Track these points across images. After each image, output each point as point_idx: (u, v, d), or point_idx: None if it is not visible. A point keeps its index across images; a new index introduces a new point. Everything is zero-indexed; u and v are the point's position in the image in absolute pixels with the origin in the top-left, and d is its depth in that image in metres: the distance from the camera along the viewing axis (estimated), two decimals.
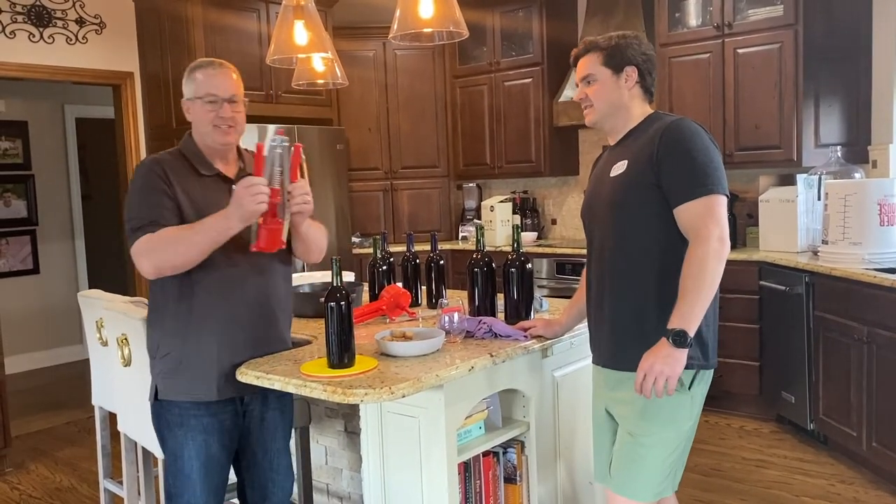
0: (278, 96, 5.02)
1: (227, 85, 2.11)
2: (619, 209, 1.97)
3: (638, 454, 1.96)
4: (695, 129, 1.91)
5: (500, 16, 5.43)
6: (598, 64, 2.03)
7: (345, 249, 5.32)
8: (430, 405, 2.01)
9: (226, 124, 2.09)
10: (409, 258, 2.92)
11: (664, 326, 1.83)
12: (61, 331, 6.37)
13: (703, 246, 1.81)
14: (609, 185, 2.01)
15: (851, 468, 3.51)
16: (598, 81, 2.03)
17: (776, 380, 4.04)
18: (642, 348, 1.87)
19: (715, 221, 1.83)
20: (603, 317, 2.04)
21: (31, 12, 4.47)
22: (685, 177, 1.86)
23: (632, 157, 1.96)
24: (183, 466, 2.07)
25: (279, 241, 2.04)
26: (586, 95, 2.06)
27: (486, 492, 2.23)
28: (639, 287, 1.95)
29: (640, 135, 1.99)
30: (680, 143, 1.88)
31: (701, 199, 1.84)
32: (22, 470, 4.01)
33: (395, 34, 2.27)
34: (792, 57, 4.11)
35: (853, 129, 4.29)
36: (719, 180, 1.87)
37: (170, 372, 2.08)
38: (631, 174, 1.95)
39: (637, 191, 1.93)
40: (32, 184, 6.24)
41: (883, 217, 3.44)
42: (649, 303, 1.93)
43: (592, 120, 2.08)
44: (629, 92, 2.02)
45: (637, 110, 2.04)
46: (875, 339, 3.24)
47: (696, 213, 1.84)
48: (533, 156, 5.38)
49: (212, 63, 2.16)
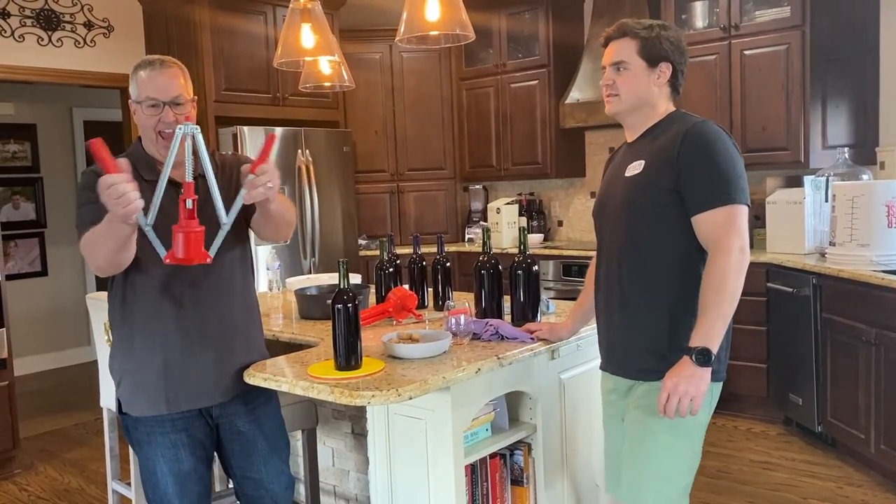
0: (285, 99, 5.04)
1: (169, 86, 1.94)
2: (633, 210, 1.91)
3: (646, 463, 1.91)
4: (718, 134, 1.84)
5: (506, 18, 5.43)
6: (634, 52, 1.91)
7: (351, 251, 5.33)
8: (437, 407, 2.01)
9: (170, 129, 1.91)
10: (415, 260, 2.93)
11: (676, 335, 1.81)
12: (70, 333, 6.41)
13: (723, 258, 1.76)
14: (623, 184, 1.95)
15: (860, 471, 3.50)
16: (629, 71, 1.92)
17: (784, 382, 4.03)
18: (653, 357, 1.86)
19: (736, 232, 1.77)
20: (613, 322, 2.01)
21: (39, 16, 4.50)
22: (706, 184, 1.80)
23: (649, 158, 1.90)
24: (158, 482, 2.03)
25: (200, 251, 1.73)
26: (613, 82, 1.94)
27: (493, 494, 2.23)
28: (650, 292, 1.90)
29: (660, 134, 1.92)
30: (702, 148, 1.81)
31: (722, 209, 1.78)
32: (30, 471, 4.03)
33: (401, 37, 2.28)
34: (799, 58, 4.10)
35: (861, 131, 4.28)
36: (741, 189, 1.80)
37: (124, 388, 2.05)
38: (648, 175, 1.88)
39: (653, 193, 1.87)
40: (41, 186, 6.28)
41: (891, 219, 3.43)
42: (662, 310, 1.88)
43: (615, 110, 1.97)
44: (659, 89, 1.94)
45: (661, 108, 1.96)
46: (883, 340, 3.23)
47: (717, 223, 1.78)
48: (539, 158, 5.38)
49: (153, 62, 1.97)
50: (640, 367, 1.93)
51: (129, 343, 2.02)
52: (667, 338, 1.86)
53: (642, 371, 1.93)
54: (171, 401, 2.01)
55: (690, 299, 1.83)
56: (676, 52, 1.93)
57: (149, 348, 2.00)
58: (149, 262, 1.94)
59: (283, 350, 2.34)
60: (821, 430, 3.76)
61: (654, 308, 1.90)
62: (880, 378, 3.27)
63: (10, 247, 6.09)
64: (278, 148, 4.82)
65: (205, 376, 2.04)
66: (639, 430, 1.94)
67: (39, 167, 6.26)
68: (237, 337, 2.11)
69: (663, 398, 1.77)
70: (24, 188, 6.20)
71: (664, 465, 1.90)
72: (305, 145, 4.98)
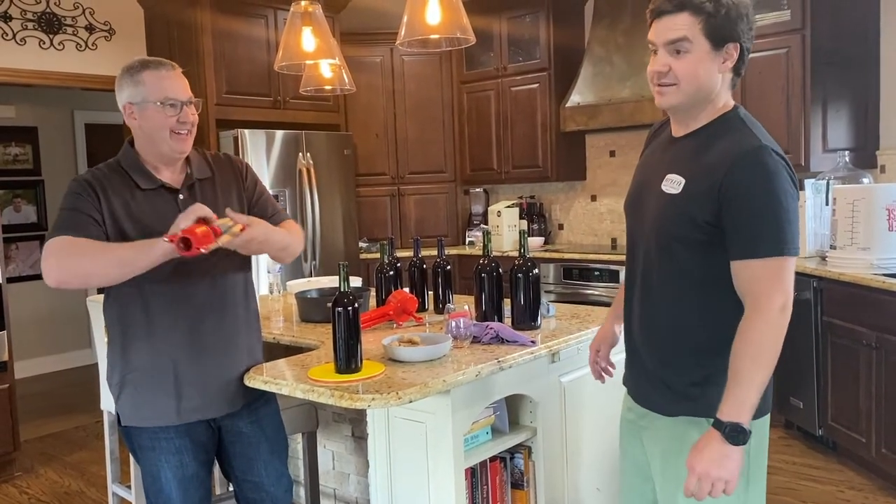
0: (286, 102, 5.04)
1: (184, 87, 1.99)
2: (666, 237, 1.65)
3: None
4: (777, 167, 1.52)
5: (506, 21, 5.44)
6: (699, 32, 1.54)
7: (352, 254, 5.33)
8: (438, 410, 2.01)
9: (185, 129, 1.98)
10: (415, 263, 2.93)
11: (695, 374, 1.63)
12: (70, 335, 6.41)
13: (762, 318, 1.51)
14: (657, 199, 1.66)
15: (861, 474, 3.49)
16: (690, 53, 1.55)
17: (784, 385, 4.03)
18: (667, 393, 1.68)
19: (781, 289, 1.51)
20: (633, 341, 1.79)
21: (41, 19, 4.51)
22: (753, 228, 1.52)
23: (691, 177, 1.59)
24: (162, 487, 2.03)
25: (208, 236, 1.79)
26: (670, 69, 1.58)
27: (493, 497, 2.23)
28: (675, 326, 1.67)
29: (711, 143, 1.60)
30: (756, 185, 1.51)
31: (768, 261, 1.51)
32: (31, 474, 4.03)
33: (402, 40, 2.29)
34: (799, 61, 4.10)
35: (861, 134, 4.28)
36: (792, 238, 1.52)
37: (125, 400, 2.03)
38: (685, 201, 1.59)
39: (688, 225, 1.59)
40: (42, 189, 6.29)
41: (891, 222, 3.43)
42: (684, 347, 1.66)
43: (671, 102, 1.61)
44: (722, 76, 1.59)
45: (721, 100, 1.63)
46: (884, 344, 3.23)
47: (759, 276, 1.52)
48: (540, 161, 5.38)
49: (161, 63, 1.98)
50: (652, 401, 1.74)
51: (131, 355, 2.01)
52: (682, 379, 1.66)
53: (652, 405, 1.74)
54: (181, 412, 2.01)
55: (715, 336, 1.61)
56: (747, 29, 1.58)
57: (155, 360, 1.99)
58: (152, 274, 1.91)
59: (283, 353, 2.34)
60: (822, 434, 3.76)
61: (674, 344, 1.68)
62: (881, 381, 3.27)
63: (11, 249, 6.09)
64: (280, 150, 4.83)
65: (214, 387, 2.04)
66: (657, 464, 1.74)
67: (41, 170, 6.28)
68: (241, 347, 2.11)
69: (692, 482, 1.52)
70: (25, 191, 6.21)
71: None
72: (306, 148, 4.98)
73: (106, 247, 1.86)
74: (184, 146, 2.00)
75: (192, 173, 2.07)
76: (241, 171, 2.18)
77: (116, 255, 1.84)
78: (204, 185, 2.08)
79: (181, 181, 2.05)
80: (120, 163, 2.02)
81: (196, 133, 2.05)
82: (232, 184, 2.14)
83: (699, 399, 1.64)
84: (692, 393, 1.65)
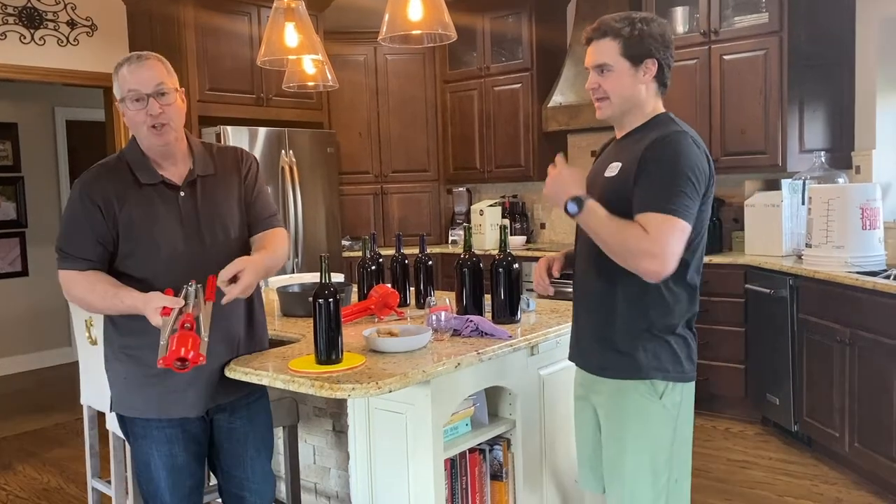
0: (269, 99, 5.04)
1: (150, 77, 1.91)
2: None
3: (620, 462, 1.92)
4: (686, 149, 1.78)
5: (489, 20, 5.47)
6: (617, 53, 1.85)
7: (335, 252, 5.33)
8: (417, 401, 2.03)
9: (158, 122, 1.92)
10: (397, 259, 2.95)
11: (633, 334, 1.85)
12: (50, 333, 6.35)
13: (643, 241, 1.71)
14: (601, 184, 1.92)
15: (834, 469, 3.55)
16: (613, 72, 1.87)
17: (761, 382, 4.09)
18: (608, 354, 1.90)
19: (656, 240, 1.70)
20: (578, 317, 2.03)
21: (22, 14, 4.48)
22: (650, 189, 1.76)
23: (625, 162, 1.87)
24: (152, 475, 2.05)
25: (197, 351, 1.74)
26: (599, 86, 1.90)
27: (472, 488, 2.25)
28: (614, 293, 1.88)
29: (641, 138, 1.87)
30: (665, 157, 1.77)
31: (655, 214, 1.73)
32: (9, 471, 4.00)
33: (384, 36, 2.30)
34: (777, 63, 4.17)
35: (837, 135, 4.35)
36: (684, 207, 1.73)
37: (122, 391, 2.06)
38: (619, 180, 1.86)
39: (621, 200, 1.82)
40: (22, 186, 6.23)
41: (865, 221, 3.49)
42: (623, 310, 1.88)
43: (606, 114, 1.93)
44: (646, 87, 1.89)
45: (649, 106, 1.91)
46: (857, 340, 3.29)
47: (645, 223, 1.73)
48: (522, 160, 5.42)
49: (131, 57, 1.96)
50: (596, 365, 1.95)
51: (125, 347, 2.02)
52: (620, 340, 1.88)
53: (598, 369, 1.95)
54: (172, 406, 2.01)
55: (652, 301, 1.84)
56: (661, 46, 1.87)
57: (148, 353, 1.96)
58: (154, 280, 1.94)
59: None
60: (797, 430, 3.82)
61: (610, 311, 1.89)
62: (854, 377, 3.33)
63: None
64: (263, 148, 4.83)
65: (206, 382, 2.04)
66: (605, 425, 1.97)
67: (21, 167, 6.22)
68: (237, 343, 2.12)
69: None
70: (4, 187, 6.15)
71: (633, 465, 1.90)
72: (289, 146, 4.98)
73: (106, 293, 1.91)
74: (161, 140, 1.95)
75: (194, 169, 2.04)
76: (243, 167, 2.15)
77: (115, 306, 1.91)
78: (205, 183, 2.06)
79: (183, 177, 2.03)
80: (125, 156, 2.02)
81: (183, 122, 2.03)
82: (234, 182, 2.12)
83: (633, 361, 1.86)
84: (627, 356, 1.87)
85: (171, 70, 2.00)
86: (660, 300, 1.85)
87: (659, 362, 1.86)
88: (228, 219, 2.08)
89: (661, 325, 1.86)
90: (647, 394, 1.87)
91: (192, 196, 2.02)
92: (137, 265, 1.97)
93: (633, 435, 1.90)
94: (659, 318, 1.86)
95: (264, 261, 2.00)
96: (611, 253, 1.78)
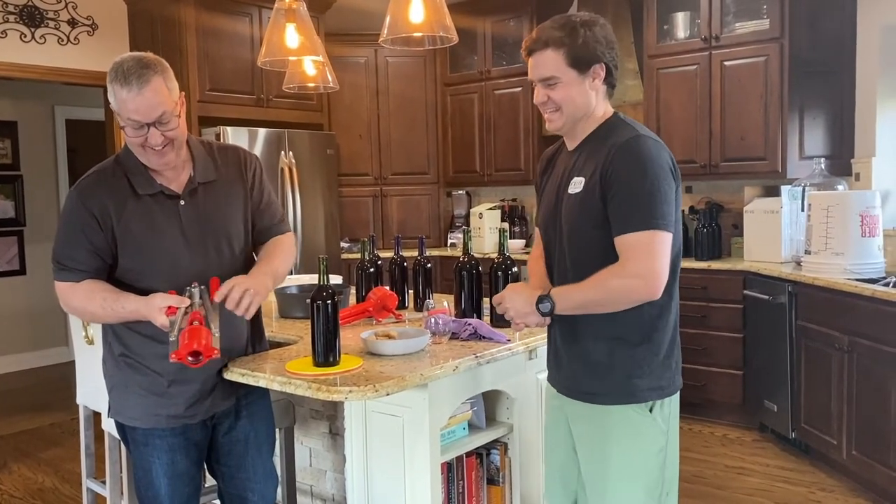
0: (269, 101, 5.04)
1: (150, 107, 1.80)
2: (576, 234, 1.81)
3: (603, 483, 1.80)
4: (648, 153, 1.71)
5: (491, 24, 5.47)
6: (563, 64, 1.76)
7: (334, 254, 5.32)
8: (415, 405, 2.02)
9: (158, 146, 1.85)
10: (396, 261, 2.94)
11: (613, 360, 1.77)
12: (47, 332, 6.34)
13: (619, 274, 1.67)
14: (567, 204, 1.82)
15: (832, 476, 3.55)
16: (561, 83, 1.78)
17: (759, 388, 4.08)
18: (592, 380, 1.80)
19: (649, 256, 1.66)
20: (554, 340, 1.92)
21: (23, 12, 4.48)
22: (626, 207, 1.69)
23: (588, 175, 1.78)
24: (152, 481, 2.03)
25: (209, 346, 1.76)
26: (549, 99, 1.80)
27: (468, 493, 2.24)
28: (591, 318, 1.78)
29: (598, 145, 1.79)
30: (628, 170, 1.70)
31: (638, 234, 1.67)
32: (4, 470, 3.99)
33: (385, 38, 2.30)
34: (777, 70, 4.17)
35: (837, 142, 4.36)
36: (663, 215, 1.68)
37: (121, 399, 2.04)
38: (585, 197, 1.77)
39: (590, 215, 1.75)
40: (21, 184, 6.22)
41: (864, 228, 3.49)
42: (601, 336, 1.79)
43: (558, 126, 1.84)
44: (596, 92, 1.80)
45: (600, 111, 1.83)
46: (855, 348, 3.29)
47: (630, 244, 1.67)
48: (522, 164, 5.41)
49: (129, 80, 1.79)
50: (582, 392, 1.84)
51: (125, 355, 2.01)
52: (604, 363, 1.79)
53: (584, 395, 1.84)
54: (173, 416, 2.00)
55: (628, 328, 1.76)
56: (606, 49, 1.78)
57: (149, 362, 1.97)
58: (153, 284, 1.91)
59: None
60: (794, 437, 3.81)
61: (592, 335, 1.80)
62: (852, 385, 3.32)
63: None
64: (262, 148, 4.82)
65: (208, 389, 2.03)
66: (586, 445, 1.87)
67: (20, 165, 6.21)
68: (238, 349, 2.11)
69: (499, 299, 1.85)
70: (3, 186, 6.14)
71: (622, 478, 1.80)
72: (289, 147, 4.98)
73: (105, 301, 1.88)
74: (161, 160, 1.89)
75: (195, 176, 1.97)
76: (248, 173, 2.10)
77: (117, 313, 1.89)
78: (207, 190, 2.00)
79: (183, 185, 1.96)
80: (122, 162, 1.95)
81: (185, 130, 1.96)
82: (238, 188, 2.06)
83: (615, 385, 1.78)
84: (608, 380, 1.79)
85: (172, 79, 1.88)
86: (637, 310, 1.74)
87: (649, 380, 1.77)
88: (232, 227, 2.03)
89: (643, 335, 1.77)
90: (637, 410, 1.78)
91: (193, 205, 1.97)
92: (139, 278, 1.94)
93: (619, 453, 1.79)
94: (641, 328, 1.77)
95: (273, 271, 2.02)
96: (608, 309, 1.72)
